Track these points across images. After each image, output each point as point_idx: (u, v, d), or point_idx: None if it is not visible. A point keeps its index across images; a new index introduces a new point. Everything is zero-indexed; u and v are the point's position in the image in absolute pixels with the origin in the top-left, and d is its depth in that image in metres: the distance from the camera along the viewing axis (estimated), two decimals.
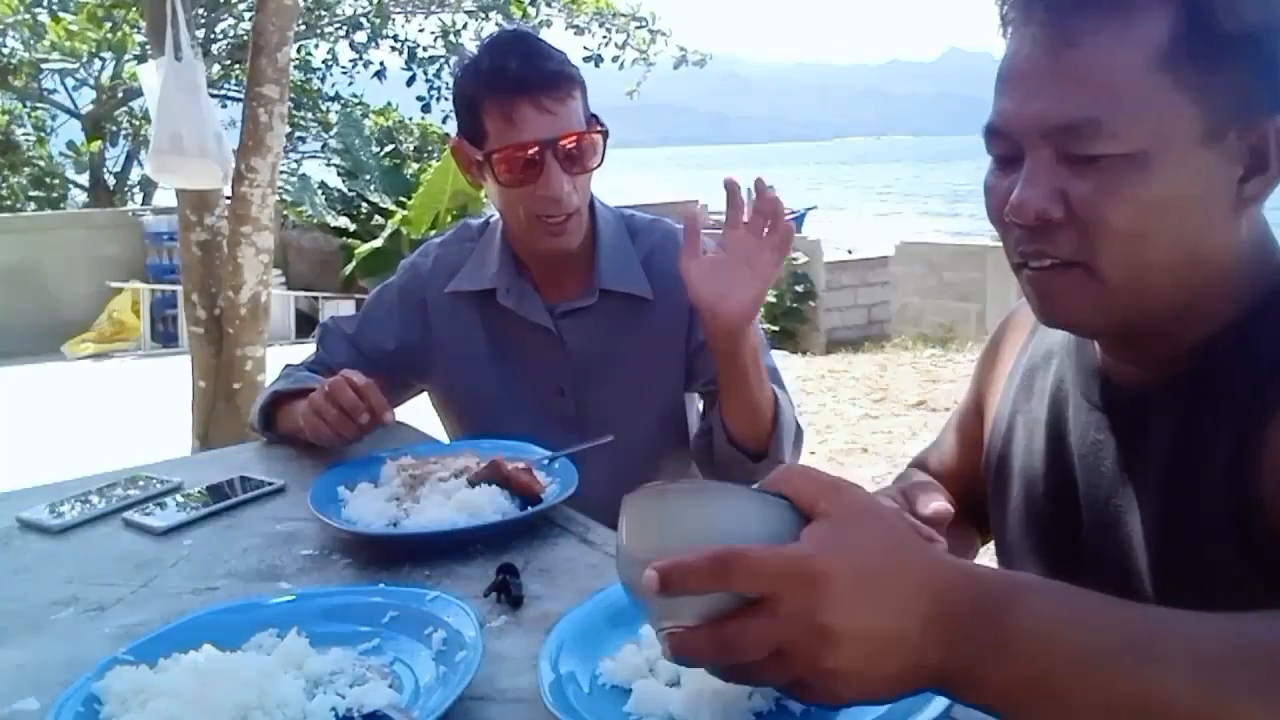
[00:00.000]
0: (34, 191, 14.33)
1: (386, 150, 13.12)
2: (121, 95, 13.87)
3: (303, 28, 12.34)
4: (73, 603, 1.08)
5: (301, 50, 13.64)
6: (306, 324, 10.36)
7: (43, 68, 13.41)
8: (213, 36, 13.19)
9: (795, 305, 10.55)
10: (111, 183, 14.79)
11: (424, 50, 13.34)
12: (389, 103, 14.06)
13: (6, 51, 13.01)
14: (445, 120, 13.08)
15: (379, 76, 13.87)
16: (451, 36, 13.07)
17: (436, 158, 12.61)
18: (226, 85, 13.68)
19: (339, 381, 1.40)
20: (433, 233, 9.60)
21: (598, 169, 1.53)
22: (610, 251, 1.61)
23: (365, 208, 11.93)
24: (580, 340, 1.61)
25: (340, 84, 14.51)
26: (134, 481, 1.44)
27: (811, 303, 10.60)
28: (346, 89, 14.49)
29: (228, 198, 4.45)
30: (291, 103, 8.29)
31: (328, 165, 13.11)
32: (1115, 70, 0.78)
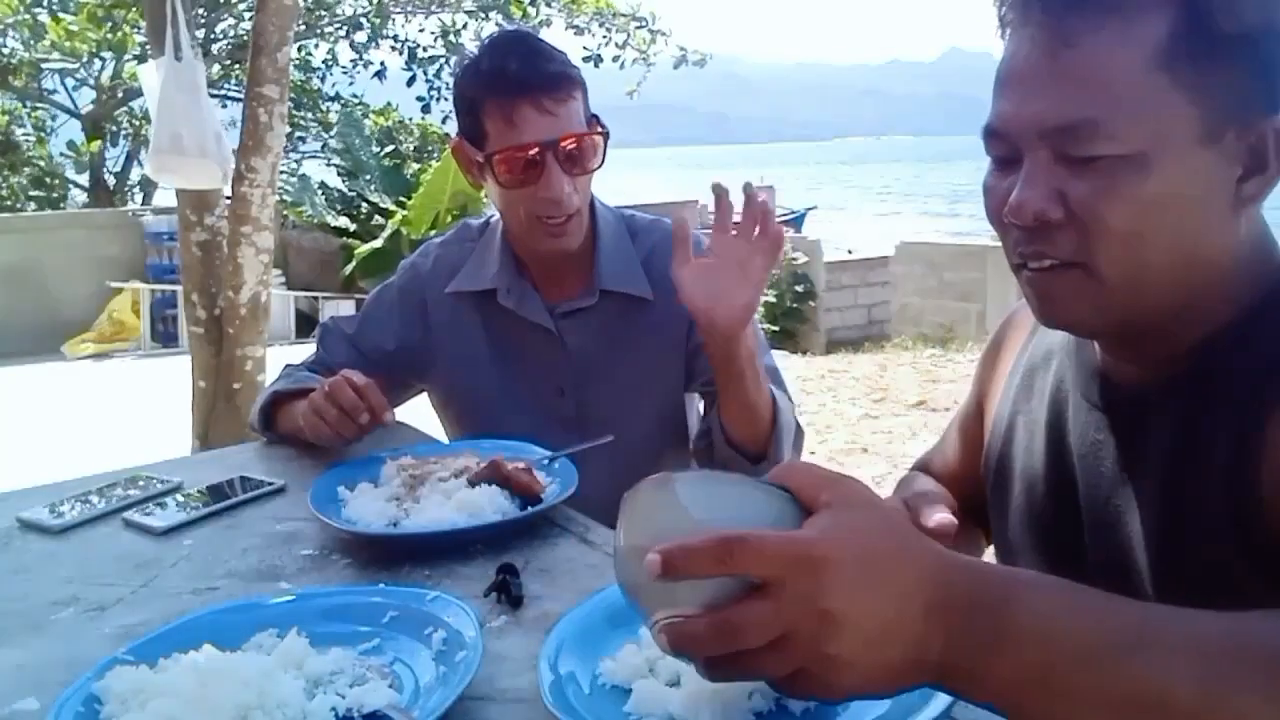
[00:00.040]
0: (34, 191, 14.33)
1: (386, 150, 13.12)
2: (121, 95, 13.86)
3: (303, 28, 12.34)
4: (73, 603, 1.08)
5: (302, 50, 13.65)
6: (306, 324, 10.36)
7: (43, 68, 13.41)
8: (213, 36, 13.18)
9: (795, 305, 10.55)
10: (111, 183, 14.79)
11: (424, 50, 13.34)
12: (389, 103, 14.05)
13: (6, 51, 13.00)
14: (445, 120, 13.08)
15: (379, 77, 13.87)
16: (451, 36, 13.07)
17: (436, 158, 12.61)
18: (226, 85, 13.68)
19: (339, 381, 1.40)
20: (433, 233, 9.59)
21: (599, 170, 1.53)
22: (610, 252, 1.61)
23: (365, 208, 11.93)
24: (580, 340, 1.61)
25: (340, 84, 14.52)
26: (134, 481, 1.44)
27: (811, 303, 10.60)
28: (347, 89, 14.50)
29: (228, 198, 4.45)
30: (291, 103, 8.29)
31: (328, 165, 13.11)
32: (1113, 71, 0.78)
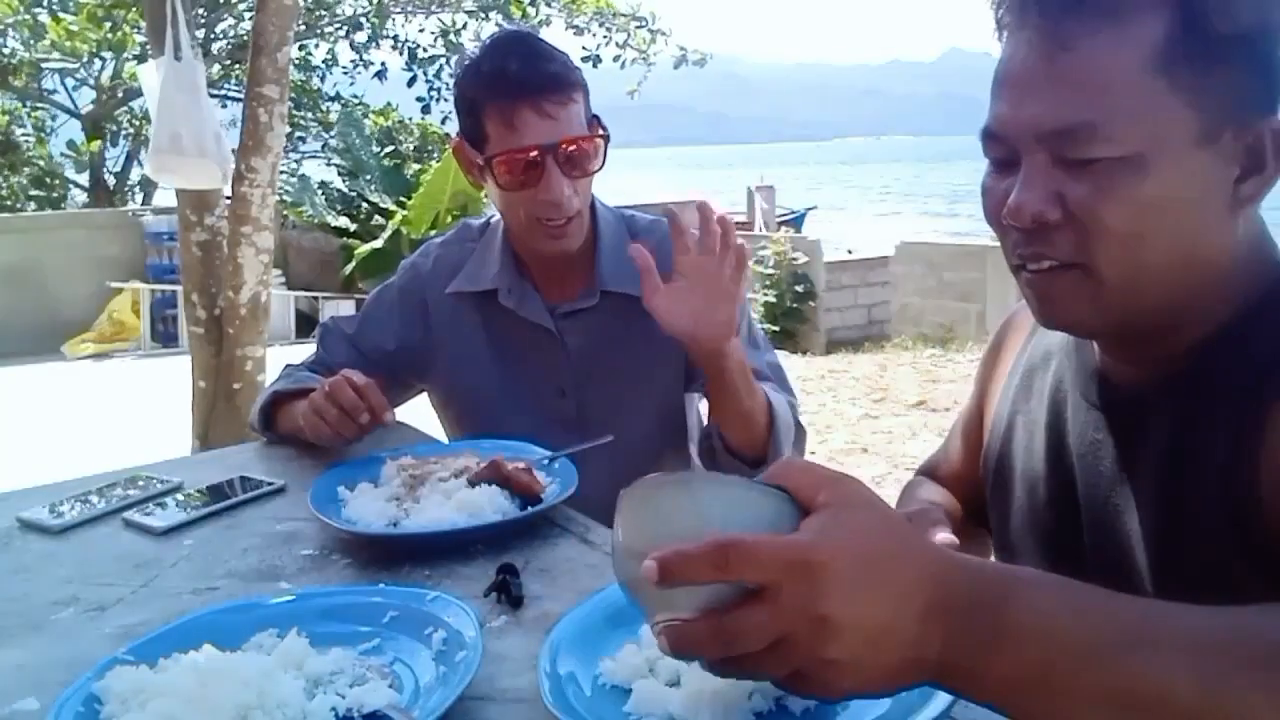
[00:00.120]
0: (34, 191, 14.32)
1: (387, 150, 13.12)
2: (121, 95, 13.86)
3: (303, 28, 12.34)
4: (73, 603, 1.08)
5: (302, 50, 13.65)
6: (306, 324, 10.36)
7: (43, 68, 13.40)
8: (213, 36, 13.19)
9: (795, 305, 10.54)
10: (111, 183, 14.79)
11: (424, 51, 13.34)
12: (389, 103, 14.05)
13: (6, 51, 13.00)
14: (445, 121, 13.08)
15: (379, 77, 13.87)
16: (452, 36, 13.07)
17: (437, 158, 12.62)
18: (226, 85, 13.68)
19: (339, 381, 1.40)
20: (433, 233, 9.59)
21: (600, 170, 1.53)
22: (611, 252, 1.60)
23: (365, 208, 11.93)
24: (581, 341, 1.61)
25: (340, 84, 14.52)
26: (134, 481, 1.44)
27: (811, 303, 10.59)
28: (347, 89, 14.50)
29: (228, 198, 4.45)
30: (291, 103, 8.29)
31: (328, 165, 13.10)
32: (1110, 73, 0.78)
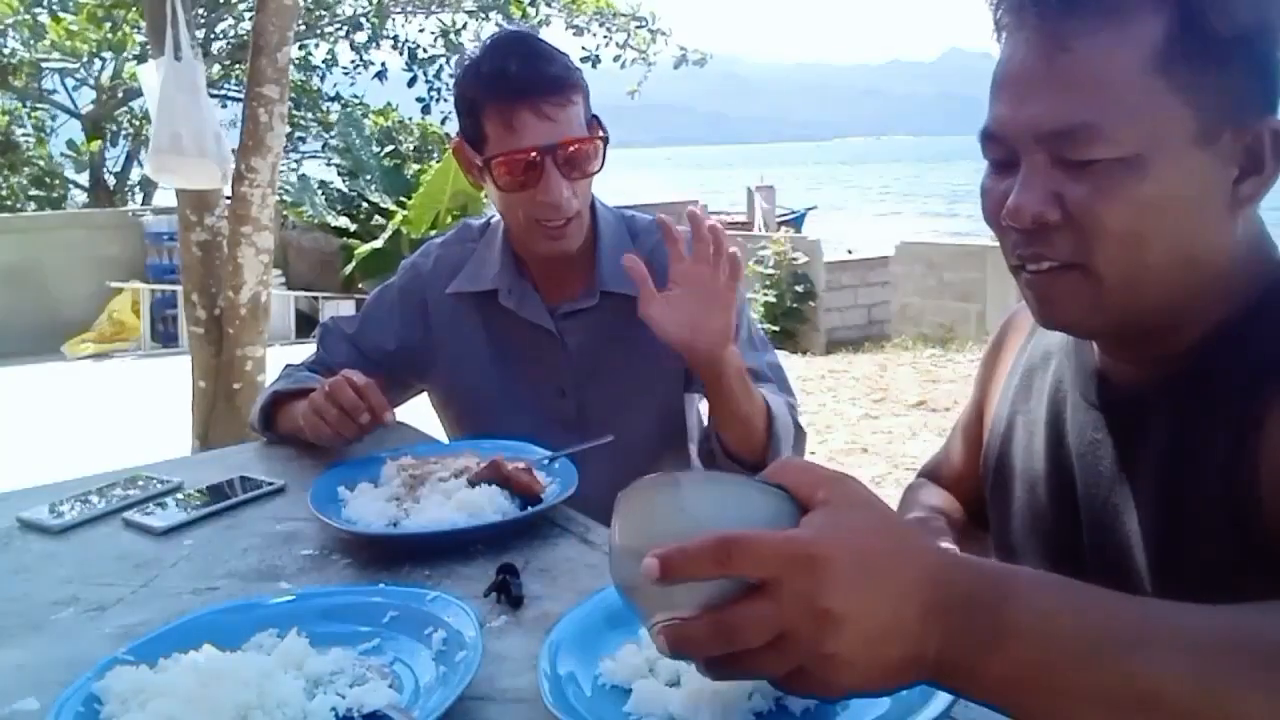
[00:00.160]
0: (34, 191, 14.32)
1: (387, 150, 13.11)
2: (121, 95, 13.86)
3: (303, 28, 12.34)
4: (73, 603, 1.08)
5: (303, 50, 13.64)
6: (306, 324, 10.36)
7: (43, 68, 13.41)
8: (213, 36, 13.19)
9: (795, 305, 10.54)
10: (111, 183, 14.79)
11: (424, 51, 13.34)
12: (389, 103, 14.06)
13: (6, 51, 13.00)
14: (445, 121, 13.08)
15: (380, 78, 13.87)
16: (452, 36, 13.07)
17: (437, 158, 12.61)
18: (226, 85, 13.68)
19: (339, 381, 1.40)
20: (433, 233, 9.59)
21: (599, 172, 1.53)
22: (611, 253, 1.60)
23: (365, 208, 11.92)
24: (581, 341, 1.61)
25: (341, 84, 14.52)
26: (134, 481, 1.44)
27: (811, 303, 10.59)
28: (347, 90, 14.50)
29: (228, 198, 4.45)
30: (291, 103, 8.29)
31: (328, 165, 13.10)
32: (1109, 74, 0.78)
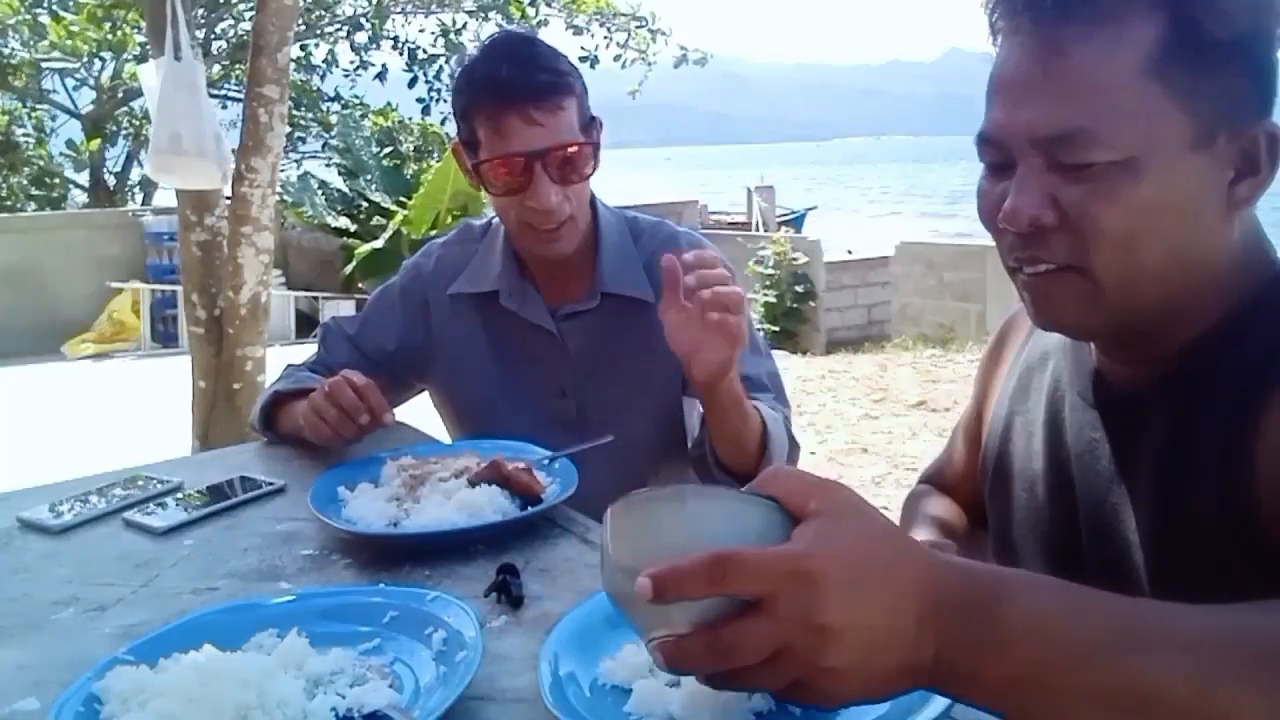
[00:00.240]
0: (34, 191, 14.33)
1: (386, 150, 13.12)
2: (121, 95, 13.87)
3: (303, 28, 12.34)
4: (73, 603, 1.08)
5: (303, 50, 13.64)
6: (306, 324, 10.36)
7: (43, 68, 13.41)
8: (213, 36, 13.19)
9: (795, 305, 10.54)
10: (111, 183, 14.80)
11: (424, 52, 13.34)
12: (389, 103, 14.06)
13: (6, 51, 13.00)
14: (444, 121, 13.09)
15: (380, 79, 13.87)
16: (452, 36, 13.07)
17: (437, 158, 12.62)
18: (226, 85, 13.68)
19: (339, 382, 1.40)
20: (433, 233, 9.60)
21: (593, 175, 1.52)
22: (612, 254, 1.60)
23: (365, 208, 11.93)
24: (582, 342, 1.61)
25: (341, 85, 14.53)
26: (134, 481, 1.44)
27: (811, 303, 10.60)
28: (347, 90, 14.50)
29: (228, 198, 4.45)
30: (291, 103, 8.29)
31: (328, 165, 13.10)
32: (1104, 79, 0.78)
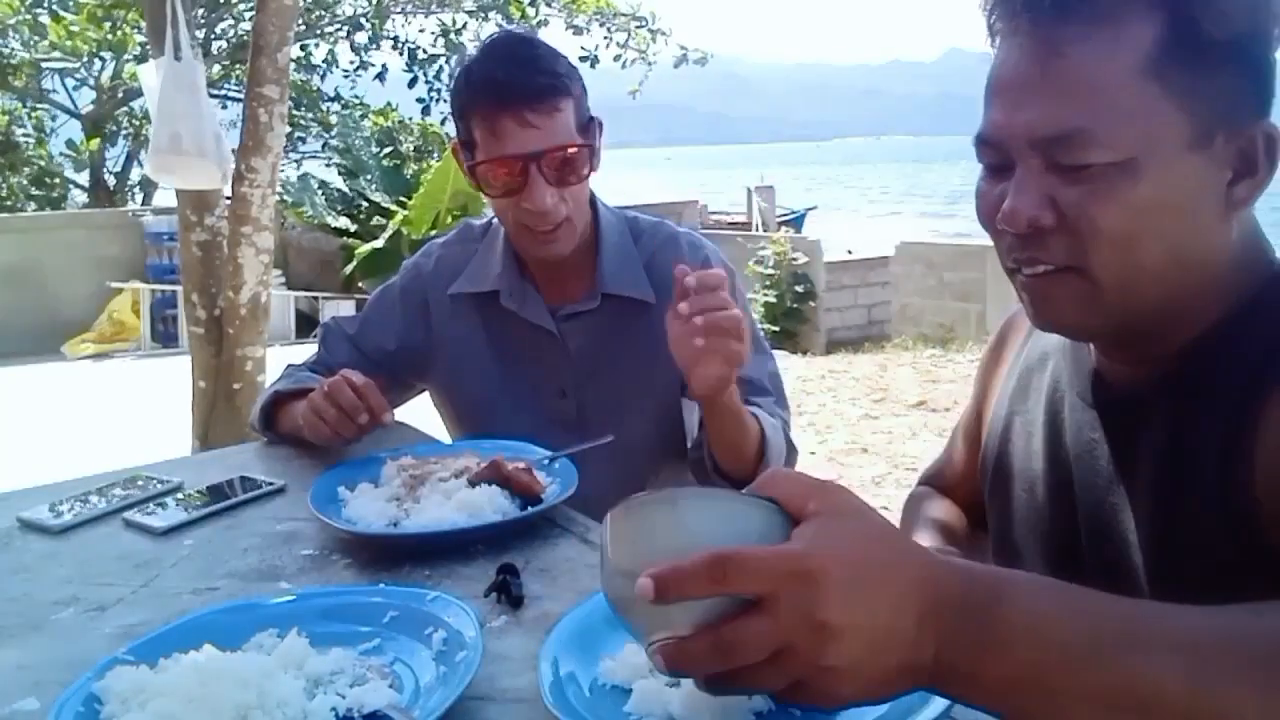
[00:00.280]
0: (34, 191, 14.33)
1: (387, 150, 13.11)
2: (121, 95, 13.87)
3: (303, 28, 12.34)
4: (73, 603, 1.08)
5: (303, 50, 13.64)
6: (306, 324, 10.36)
7: (43, 68, 13.41)
8: (213, 36, 13.19)
9: (795, 305, 10.55)
10: (111, 183, 14.80)
11: (424, 52, 13.34)
12: (389, 103, 14.06)
13: (7, 52, 13.00)
14: (444, 121, 13.09)
15: (380, 79, 13.87)
16: (452, 36, 13.07)
17: (436, 158, 12.62)
18: (226, 85, 13.68)
19: (338, 382, 1.40)
20: (434, 233, 9.60)
21: (591, 175, 1.52)
22: (613, 254, 1.60)
23: (365, 208, 11.93)
24: (582, 342, 1.61)
25: (341, 84, 14.53)
26: (134, 481, 1.44)
27: (811, 303, 10.60)
28: (347, 90, 14.50)
29: (228, 198, 4.45)
30: (291, 103, 8.29)
31: (328, 165, 13.10)
32: (1102, 79, 0.78)
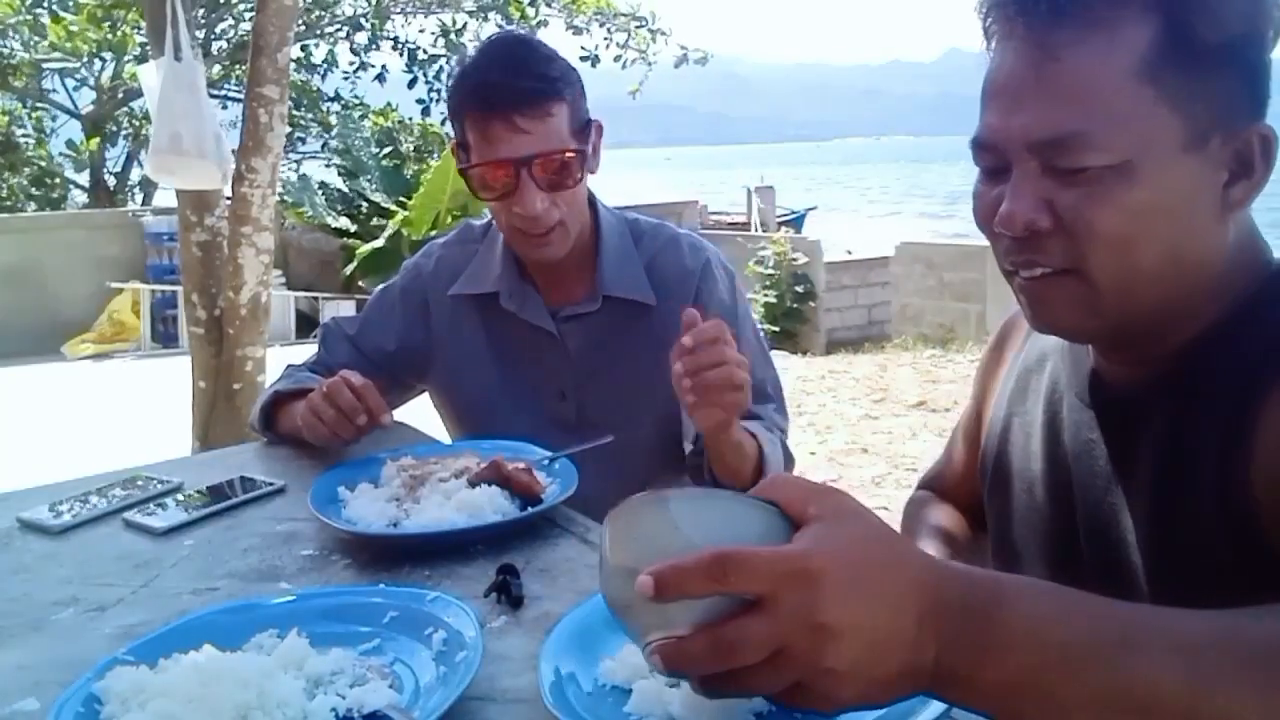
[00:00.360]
0: (34, 191, 14.32)
1: (386, 150, 13.11)
2: (121, 95, 13.86)
3: (303, 28, 12.34)
4: (73, 603, 1.08)
5: (303, 50, 13.64)
6: (306, 324, 10.36)
7: (43, 68, 13.40)
8: (213, 36, 13.18)
9: (795, 305, 10.54)
10: (111, 183, 14.79)
11: (424, 52, 13.34)
12: (389, 103, 14.05)
13: (7, 52, 13.00)
14: (444, 121, 13.09)
15: (380, 80, 13.86)
16: (452, 37, 13.06)
17: (436, 158, 12.61)
18: (226, 85, 13.67)
19: (337, 382, 1.40)
20: (433, 233, 9.60)
21: (589, 177, 1.52)
22: (613, 256, 1.60)
23: (365, 208, 11.92)
24: (582, 344, 1.61)
25: (341, 85, 14.52)
26: (134, 482, 1.44)
27: (811, 303, 10.60)
28: (347, 91, 14.50)
29: (228, 198, 4.44)
30: (291, 103, 8.29)
31: (328, 165, 13.10)
32: (1098, 83, 0.78)
